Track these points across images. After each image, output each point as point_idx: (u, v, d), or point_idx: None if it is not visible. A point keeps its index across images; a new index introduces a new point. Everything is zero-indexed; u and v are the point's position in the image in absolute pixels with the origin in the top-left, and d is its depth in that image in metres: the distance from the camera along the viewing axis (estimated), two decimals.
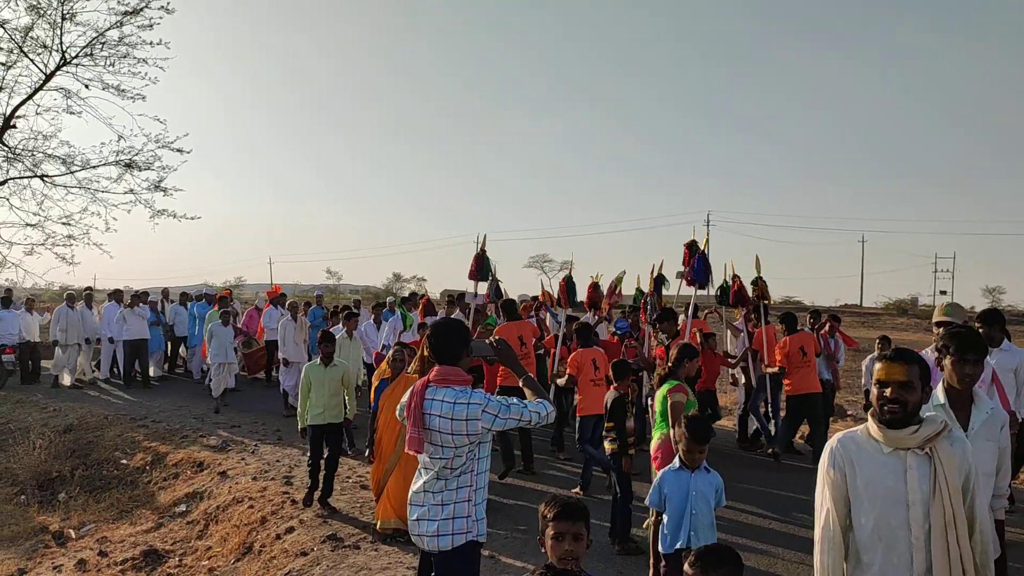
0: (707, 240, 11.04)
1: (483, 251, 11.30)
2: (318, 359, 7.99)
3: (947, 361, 3.78)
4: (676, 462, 4.66)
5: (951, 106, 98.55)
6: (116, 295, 16.78)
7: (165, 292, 18.30)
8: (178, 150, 13.56)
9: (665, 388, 6.05)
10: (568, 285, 11.69)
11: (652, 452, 6.28)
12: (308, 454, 8.07)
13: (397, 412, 4.05)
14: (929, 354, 4.77)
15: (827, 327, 11.28)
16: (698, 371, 8.34)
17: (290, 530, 7.37)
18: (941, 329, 4.91)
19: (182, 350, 17.17)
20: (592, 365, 8.31)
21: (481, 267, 11.25)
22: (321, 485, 7.84)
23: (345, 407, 7.96)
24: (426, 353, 5.62)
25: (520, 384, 3.92)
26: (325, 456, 7.81)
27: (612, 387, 6.81)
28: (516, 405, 3.63)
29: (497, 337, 4.32)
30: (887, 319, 40.42)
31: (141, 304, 15.62)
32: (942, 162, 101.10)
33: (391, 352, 7.52)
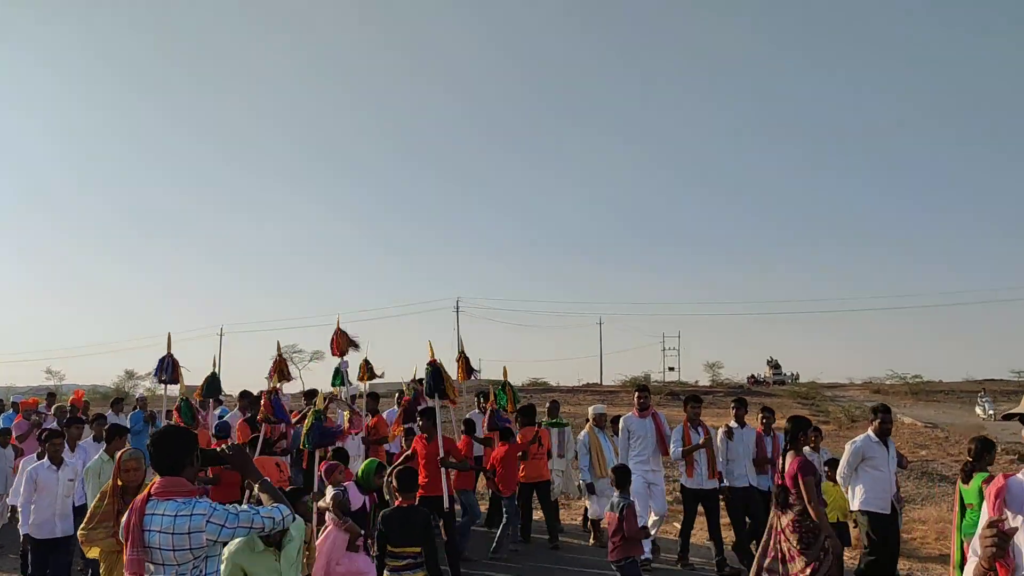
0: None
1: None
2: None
3: None
4: None
5: (675, 190, 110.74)
6: None
7: None
8: None
9: (979, 479, 6.32)
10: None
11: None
12: None
13: (120, 535, 3.72)
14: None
15: (761, 422, 9.15)
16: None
17: None
18: None
19: None
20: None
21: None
22: None
23: None
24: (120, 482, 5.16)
25: (256, 489, 3.78)
26: None
27: (400, 501, 5.85)
28: (245, 512, 3.47)
29: (231, 443, 4.17)
30: (625, 396, 43.41)
31: None
32: (665, 249, 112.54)
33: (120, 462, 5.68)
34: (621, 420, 9.35)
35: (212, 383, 10.40)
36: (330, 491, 6.58)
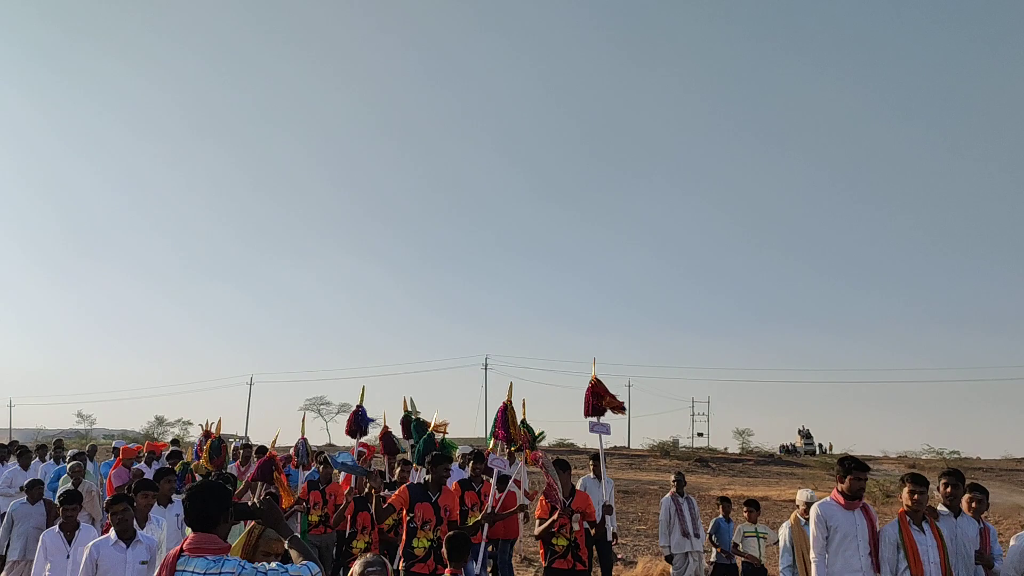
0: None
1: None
2: None
3: None
4: None
5: (700, 261, 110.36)
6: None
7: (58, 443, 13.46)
8: None
9: None
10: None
11: None
12: None
13: None
14: None
15: (971, 506, 6.77)
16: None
17: None
18: None
19: None
20: None
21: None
22: None
23: None
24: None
25: (286, 546, 3.74)
26: None
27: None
28: (274, 571, 3.43)
29: (266, 496, 4.15)
30: (652, 460, 42.77)
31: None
32: (697, 313, 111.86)
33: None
34: (815, 508, 6.45)
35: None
36: None
